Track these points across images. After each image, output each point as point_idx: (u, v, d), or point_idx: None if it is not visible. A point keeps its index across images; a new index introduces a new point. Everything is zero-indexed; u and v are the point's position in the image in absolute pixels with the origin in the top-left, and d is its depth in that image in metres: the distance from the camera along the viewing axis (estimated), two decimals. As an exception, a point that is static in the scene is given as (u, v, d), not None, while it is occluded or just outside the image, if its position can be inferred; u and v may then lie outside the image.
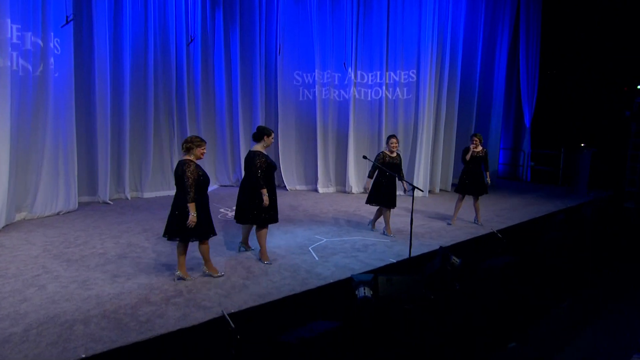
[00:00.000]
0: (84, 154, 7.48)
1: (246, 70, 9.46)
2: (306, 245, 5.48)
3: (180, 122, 8.77)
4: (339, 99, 9.47)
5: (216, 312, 3.55)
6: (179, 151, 8.84)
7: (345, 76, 9.32)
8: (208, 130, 9.29)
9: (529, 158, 11.56)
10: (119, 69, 7.78)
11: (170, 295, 3.91)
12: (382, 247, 5.50)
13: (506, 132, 11.74)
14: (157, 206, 7.52)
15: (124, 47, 7.73)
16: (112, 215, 6.76)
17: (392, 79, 9.32)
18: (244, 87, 9.46)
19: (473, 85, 10.07)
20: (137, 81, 8.03)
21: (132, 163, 8.14)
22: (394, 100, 9.35)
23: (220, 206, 7.61)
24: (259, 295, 3.94)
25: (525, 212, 7.64)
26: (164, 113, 8.50)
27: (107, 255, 4.96)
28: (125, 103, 7.83)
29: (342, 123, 9.38)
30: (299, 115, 9.53)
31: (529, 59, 10.79)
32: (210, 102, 9.36)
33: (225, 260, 4.87)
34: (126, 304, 3.72)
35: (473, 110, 10.08)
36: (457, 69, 9.56)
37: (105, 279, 4.26)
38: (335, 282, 4.26)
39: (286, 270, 4.62)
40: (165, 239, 4.27)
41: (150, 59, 8.07)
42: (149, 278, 4.30)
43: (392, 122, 9.36)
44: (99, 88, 7.42)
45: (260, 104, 9.46)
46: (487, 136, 10.50)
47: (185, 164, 4.02)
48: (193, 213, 3.99)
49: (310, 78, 9.53)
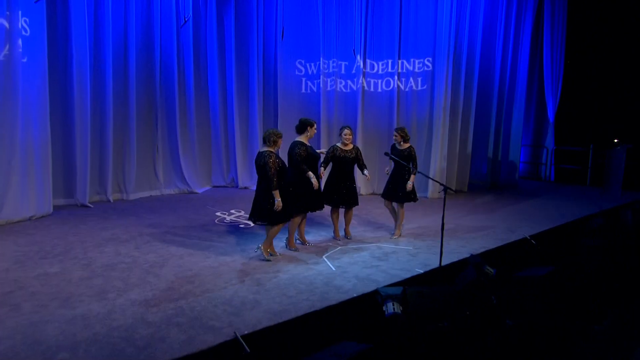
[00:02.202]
0: (59, 151, 7.28)
1: (242, 59, 9.25)
2: (318, 253, 5.31)
3: (169, 118, 8.59)
4: (345, 91, 9.28)
5: (227, 333, 3.33)
6: (170, 148, 8.67)
7: (353, 65, 9.13)
8: (200, 126, 9.12)
9: (552, 155, 11.43)
10: (100, 57, 7.55)
11: (171, 314, 3.66)
12: (405, 256, 5.33)
13: (526, 127, 11.62)
14: (145, 209, 7.30)
15: (105, 32, 7.50)
16: (93, 220, 6.52)
17: (405, 68, 9.15)
18: (239, 78, 9.28)
19: (493, 75, 9.90)
20: (119, 71, 7.81)
21: (116, 161, 7.93)
22: (407, 92, 9.18)
23: (217, 209, 7.39)
24: (274, 312, 3.73)
25: (555, 215, 7.50)
26: (149, 107, 8.32)
27: (91, 266, 4.71)
28: (107, 96, 7.62)
29: (349, 118, 9.17)
30: (301, 110, 9.31)
31: (553, 46, 10.68)
32: (203, 95, 9.17)
33: (230, 271, 4.63)
34: (119, 325, 3.47)
35: (492, 102, 9.92)
36: (476, 56, 9.39)
37: (92, 295, 4.01)
38: (359, 296, 4.07)
39: (301, 282, 4.42)
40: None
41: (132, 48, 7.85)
42: (144, 293, 4.06)
43: (404, 117, 9.19)
44: (78, 78, 7.19)
45: (258, 98, 9.25)
46: (508, 132, 10.35)
47: (267, 155, 4.75)
48: (278, 199, 4.71)
49: (314, 68, 9.33)
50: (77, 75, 7.16)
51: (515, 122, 10.41)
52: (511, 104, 10.33)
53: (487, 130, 10.02)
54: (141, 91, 8.17)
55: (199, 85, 9.05)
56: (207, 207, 7.59)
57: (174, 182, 8.76)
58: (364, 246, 5.65)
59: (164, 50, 8.41)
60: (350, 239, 5.88)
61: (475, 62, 9.40)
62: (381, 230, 6.35)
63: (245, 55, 9.24)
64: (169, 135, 8.66)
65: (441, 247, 4.88)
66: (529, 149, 12.05)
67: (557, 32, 10.72)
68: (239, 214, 7.19)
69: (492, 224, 6.86)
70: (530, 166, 12.05)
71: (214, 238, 5.84)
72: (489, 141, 10.02)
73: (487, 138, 10.07)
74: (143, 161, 8.30)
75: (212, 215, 7.04)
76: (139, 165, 8.18)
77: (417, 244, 5.78)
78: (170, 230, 6.14)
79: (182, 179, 8.74)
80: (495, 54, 9.89)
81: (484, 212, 7.65)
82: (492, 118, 9.96)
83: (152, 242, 5.59)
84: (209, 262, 4.93)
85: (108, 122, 7.65)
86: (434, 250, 5.38)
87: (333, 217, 5.95)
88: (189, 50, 8.66)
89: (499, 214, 7.54)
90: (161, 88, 8.43)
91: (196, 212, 7.25)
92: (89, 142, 7.37)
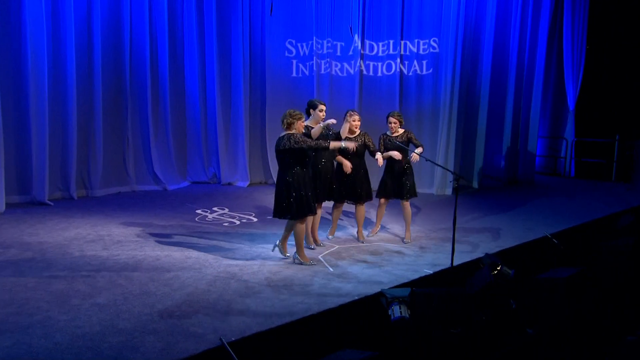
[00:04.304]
0: (11, 142, 7.15)
1: (225, 38, 9.21)
2: (313, 252, 5.29)
3: (141, 106, 8.54)
4: (341, 75, 9.27)
5: (211, 341, 3.27)
6: (143, 140, 8.58)
7: (350, 46, 9.11)
8: (177, 114, 9.08)
9: (572, 148, 11.46)
10: (59, 35, 7.43)
11: (145, 321, 3.59)
12: (411, 256, 5.32)
13: (542, 116, 11.64)
14: (114, 207, 7.24)
15: (66, 5, 7.38)
16: (54, 219, 6.44)
17: (409, 49, 9.15)
18: (221, 60, 9.23)
19: (508, 56, 9.87)
20: (82, 52, 7.70)
21: (80, 154, 7.86)
22: (410, 77, 9.18)
23: (197, 207, 7.34)
24: (265, 317, 3.69)
25: (580, 213, 7.53)
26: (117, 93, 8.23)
27: (51, 269, 4.62)
28: (69, 80, 7.52)
29: (346, 105, 9.10)
30: (292, 96, 9.29)
31: (575, 24, 10.71)
32: (179, 80, 9.13)
33: (215, 273, 4.57)
34: (84, 333, 3.39)
35: (508, 88, 9.89)
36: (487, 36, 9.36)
37: (52, 301, 3.91)
38: (361, 298, 4.04)
39: (295, 284, 4.39)
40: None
41: (97, 25, 7.74)
42: (113, 298, 3.98)
43: (408, 104, 9.19)
44: (33, 60, 7.04)
45: (243, 82, 9.21)
46: (526, 122, 10.35)
47: (287, 137, 4.72)
48: (342, 143, 5.00)
49: (306, 48, 9.30)
50: (32, 56, 7.02)
51: (533, 110, 10.42)
52: (530, 90, 10.33)
53: (502, 120, 9.99)
54: (108, 75, 8.08)
55: (175, 68, 8.97)
56: (185, 204, 7.51)
57: (147, 177, 8.66)
58: (365, 246, 5.63)
59: (134, 28, 8.31)
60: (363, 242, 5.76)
61: (485, 43, 9.36)
62: (382, 231, 6.31)
63: (229, 34, 9.17)
64: (141, 125, 8.58)
65: (453, 245, 4.85)
66: (546, 141, 12.08)
67: (579, 8, 10.75)
68: (223, 211, 7.12)
69: (509, 222, 6.86)
70: (547, 160, 12.07)
71: (194, 237, 5.77)
72: (505, 132, 9.97)
73: (502, 128, 10.03)
74: (111, 154, 8.22)
75: (192, 213, 6.97)
76: (106, 158, 8.09)
77: (425, 243, 5.76)
78: (144, 229, 6.06)
79: (156, 174, 8.63)
80: (512, 33, 9.84)
81: (500, 209, 7.64)
82: (508, 105, 9.89)
83: (123, 242, 5.50)
84: (190, 262, 4.86)
85: (70, 110, 7.54)
86: (443, 250, 5.38)
87: (335, 214, 5.87)
88: (163, 28, 8.57)
89: (515, 212, 7.55)
90: (131, 71, 8.34)
91: (173, 210, 7.18)
92: (47, 132, 7.25)
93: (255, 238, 5.80)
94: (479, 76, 9.47)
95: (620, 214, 7.48)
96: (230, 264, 4.88)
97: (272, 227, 6.23)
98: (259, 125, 9.60)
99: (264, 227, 6.32)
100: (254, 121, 9.56)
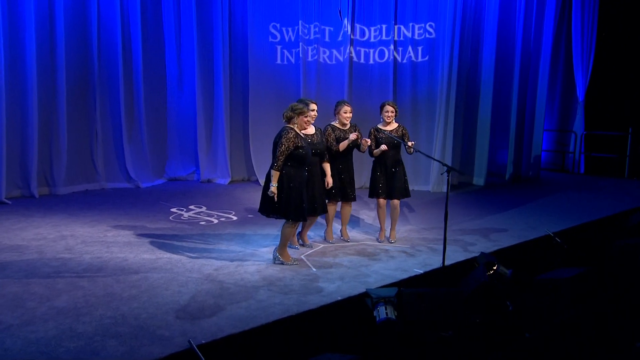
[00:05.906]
0: None
1: (204, 22, 9.18)
2: (296, 252, 5.34)
3: (111, 96, 8.50)
4: (330, 62, 9.30)
5: (179, 343, 3.31)
6: (114, 133, 8.57)
7: (340, 31, 9.14)
8: (151, 106, 9.04)
9: (582, 142, 11.55)
10: (16, 16, 7.36)
11: (108, 324, 3.62)
12: (401, 255, 5.38)
13: (549, 108, 11.73)
14: (80, 205, 7.26)
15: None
16: (12, 219, 6.45)
17: (403, 34, 9.20)
18: (201, 46, 9.20)
19: (513, 42, 9.87)
20: (43, 36, 7.65)
21: (41, 149, 7.82)
22: (404, 64, 9.22)
23: (172, 205, 7.40)
24: (239, 319, 3.73)
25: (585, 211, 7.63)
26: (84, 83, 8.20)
27: (6, 271, 4.63)
28: (28, 68, 7.46)
29: (335, 95, 9.15)
30: (276, 85, 9.31)
31: (584, 9, 10.77)
32: (154, 68, 9.08)
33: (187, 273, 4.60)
34: (39, 338, 3.42)
35: (513, 76, 9.91)
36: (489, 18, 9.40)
37: (4, 304, 3.93)
38: (344, 299, 4.11)
39: (273, 285, 4.44)
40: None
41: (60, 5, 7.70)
42: (74, 301, 4.01)
43: (402, 93, 9.23)
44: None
45: (223, 70, 9.20)
46: (532, 113, 10.40)
47: (285, 131, 4.77)
48: (274, 184, 4.70)
49: (291, 33, 9.32)
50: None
51: (539, 101, 10.48)
52: (535, 79, 10.37)
53: (507, 112, 10.03)
54: (73, 62, 8.03)
55: (149, 55, 8.94)
56: (160, 202, 7.53)
57: (118, 174, 8.65)
58: (351, 245, 5.69)
59: (102, 11, 8.27)
60: (348, 241, 5.84)
61: (487, 28, 9.41)
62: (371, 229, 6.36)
63: (208, 17, 9.15)
64: (112, 117, 8.56)
65: (444, 242, 4.91)
66: (553, 135, 12.16)
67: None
68: (200, 209, 7.15)
69: (509, 221, 6.93)
70: (554, 155, 12.15)
71: (167, 237, 5.81)
72: (510, 125, 9.99)
73: (506, 121, 10.07)
74: (77, 149, 8.19)
75: (166, 211, 7.00)
76: (71, 154, 8.06)
77: (416, 242, 5.82)
78: (112, 228, 6.09)
79: (127, 171, 8.63)
80: (517, 17, 9.84)
81: (502, 207, 7.72)
82: (513, 96, 9.91)
83: (88, 242, 5.53)
84: (161, 263, 4.90)
85: (30, 101, 7.50)
86: (436, 250, 5.43)
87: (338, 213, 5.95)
88: (135, 11, 8.56)
89: (518, 210, 7.63)
90: (100, 58, 8.31)
91: (146, 208, 7.21)
92: (3, 126, 7.21)
93: (233, 238, 5.84)
94: (480, 64, 9.54)
95: (632, 212, 7.58)
96: (204, 264, 4.91)
97: (252, 226, 6.27)
98: (241, 116, 9.60)
99: (244, 226, 6.35)
100: (235, 112, 9.55)
